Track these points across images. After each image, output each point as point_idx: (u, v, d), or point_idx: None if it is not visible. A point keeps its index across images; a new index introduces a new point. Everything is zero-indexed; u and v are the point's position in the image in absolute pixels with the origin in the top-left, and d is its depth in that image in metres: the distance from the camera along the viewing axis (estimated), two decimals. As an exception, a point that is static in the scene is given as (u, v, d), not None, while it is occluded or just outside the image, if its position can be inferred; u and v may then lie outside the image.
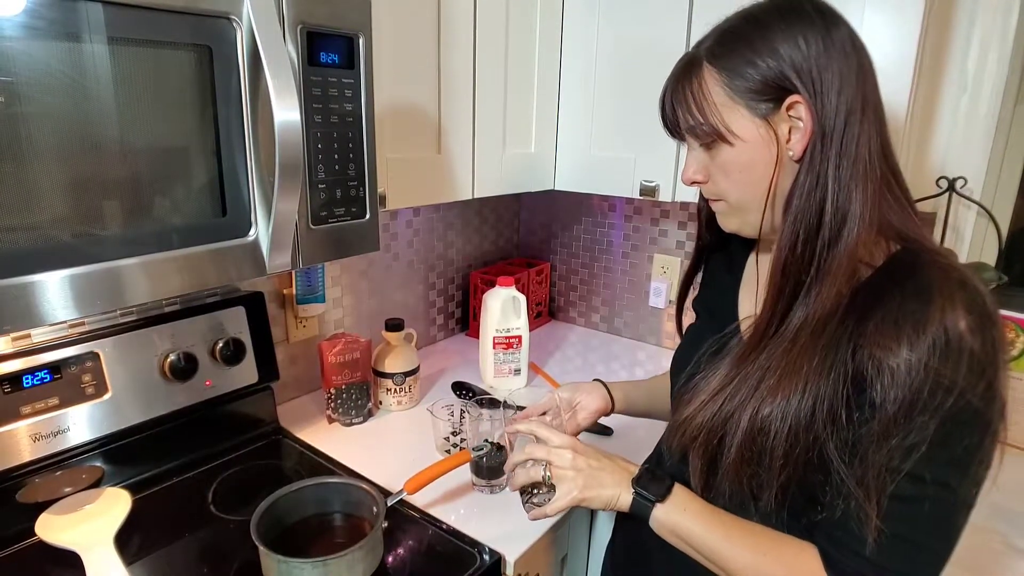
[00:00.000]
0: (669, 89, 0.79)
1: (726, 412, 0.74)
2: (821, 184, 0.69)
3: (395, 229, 1.70)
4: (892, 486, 0.65)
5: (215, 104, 0.78)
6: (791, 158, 0.72)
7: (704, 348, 0.84)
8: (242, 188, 0.83)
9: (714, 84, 0.73)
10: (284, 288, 1.43)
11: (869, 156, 0.69)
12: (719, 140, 0.75)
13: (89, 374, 1.06)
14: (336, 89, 0.89)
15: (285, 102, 0.78)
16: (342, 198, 0.94)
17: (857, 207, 0.69)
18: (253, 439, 1.32)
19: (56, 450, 1.04)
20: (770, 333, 0.74)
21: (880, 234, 0.72)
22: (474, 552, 1.02)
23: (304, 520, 1.03)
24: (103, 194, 0.72)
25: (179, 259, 0.79)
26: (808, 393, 0.68)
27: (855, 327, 0.68)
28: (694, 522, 0.80)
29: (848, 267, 0.69)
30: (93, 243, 0.72)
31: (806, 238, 0.70)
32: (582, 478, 0.86)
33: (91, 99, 0.69)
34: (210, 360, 1.21)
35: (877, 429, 0.65)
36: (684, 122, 0.77)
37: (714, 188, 0.80)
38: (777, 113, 0.71)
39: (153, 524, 1.06)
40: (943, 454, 0.64)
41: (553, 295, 2.16)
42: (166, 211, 0.78)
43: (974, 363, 0.62)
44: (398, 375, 1.44)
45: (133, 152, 0.73)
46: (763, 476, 0.72)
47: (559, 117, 1.56)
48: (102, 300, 0.73)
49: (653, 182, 1.42)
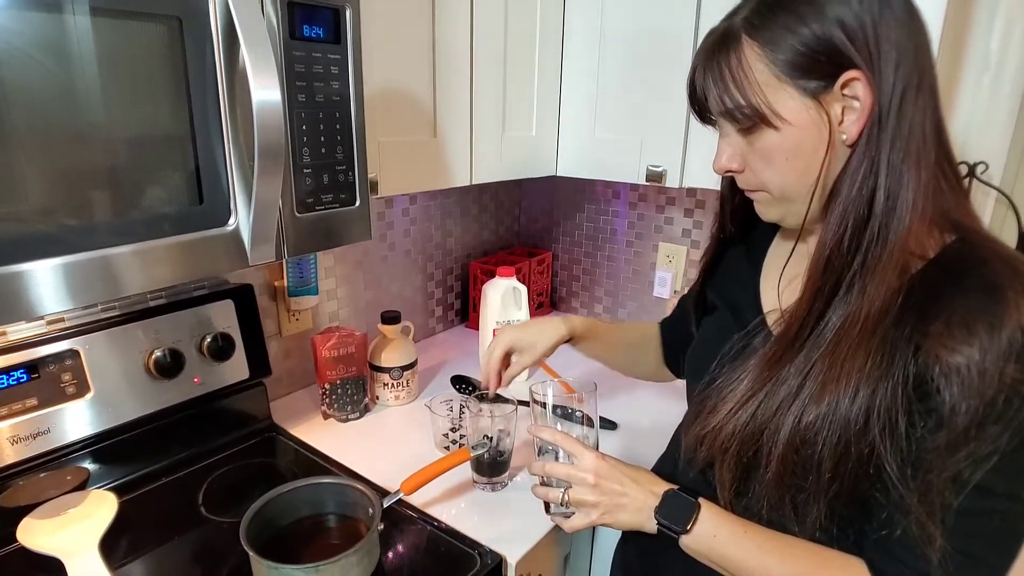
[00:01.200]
0: (700, 67, 0.70)
1: (761, 420, 0.68)
2: (875, 170, 0.63)
3: (391, 218, 1.65)
4: (958, 499, 0.59)
5: (188, 81, 0.72)
6: (843, 142, 0.65)
7: (728, 346, 0.78)
8: (220, 173, 0.78)
9: (756, 60, 0.65)
10: (275, 280, 1.39)
11: (924, 138, 0.63)
12: (762, 124, 0.66)
13: (69, 373, 1.02)
14: (321, 66, 0.83)
15: (264, 80, 0.72)
16: (330, 184, 0.89)
17: (910, 195, 0.62)
18: (245, 437, 1.28)
19: (37, 452, 1.00)
20: (805, 333, 0.67)
21: (933, 224, 0.65)
22: (474, 554, 0.99)
23: (297, 522, 1.00)
24: (69, 181, 0.66)
25: (150, 251, 0.74)
26: (860, 398, 0.62)
27: (915, 326, 0.61)
28: (726, 547, 0.74)
29: (899, 260, 0.62)
30: (57, 233, 0.67)
31: (855, 231, 0.63)
32: (602, 507, 0.82)
33: (50, 76, 0.63)
34: (198, 356, 1.17)
35: (944, 439, 0.59)
36: (719, 105, 0.69)
37: (752, 178, 0.72)
38: (830, 92, 0.64)
39: (141, 527, 1.02)
40: (1015, 465, 0.58)
41: (555, 285, 2.11)
42: (135, 199, 0.72)
43: None
44: (395, 369, 1.40)
45: (98, 136, 0.67)
46: (809, 491, 0.66)
47: (561, 98, 1.50)
48: (70, 295, 0.68)
49: (660, 167, 1.36)
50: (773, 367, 0.69)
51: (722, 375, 0.75)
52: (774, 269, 0.82)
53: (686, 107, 1.29)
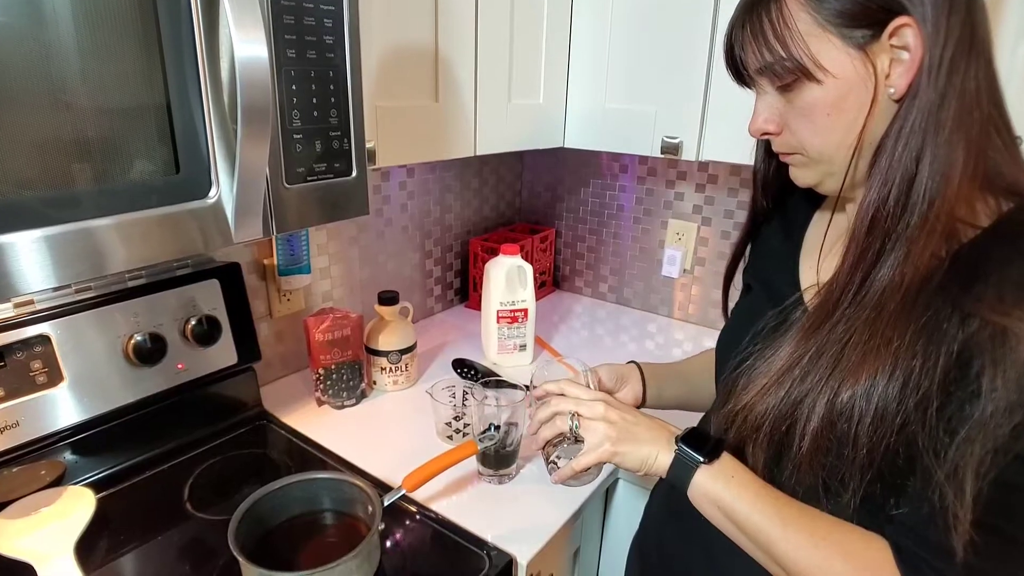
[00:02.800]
0: (739, 21, 0.67)
1: (796, 396, 0.63)
2: (922, 127, 0.58)
3: (387, 191, 1.56)
4: (996, 471, 0.54)
5: (159, 34, 0.63)
6: (890, 96, 0.60)
7: (761, 324, 0.73)
8: (199, 138, 0.68)
9: (798, 9, 0.61)
10: (264, 258, 1.30)
11: (977, 95, 0.58)
12: (804, 78, 0.63)
13: (39, 360, 0.94)
14: (313, 18, 0.74)
15: (248, 34, 0.63)
16: (323, 152, 0.80)
17: (960, 155, 0.57)
18: (234, 426, 1.20)
19: (6, 447, 0.92)
20: (845, 301, 0.63)
21: (986, 189, 0.61)
22: (482, 554, 0.92)
23: (291, 520, 0.93)
24: (23, 148, 0.57)
25: (118, 227, 0.64)
26: (900, 370, 0.58)
27: (962, 293, 0.57)
28: (740, 493, 0.70)
29: (946, 225, 0.58)
30: (6, 206, 0.58)
31: (901, 191, 0.59)
32: (615, 430, 0.79)
33: (12, 34, 0.54)
34: (181, 340, 1.08)
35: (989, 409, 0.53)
36: (759, 60, 0.65)
37: (790, 139, 0.68)
38: (877, 42, 0.59)
39: (121, 526, 0.95)
40: None
41: (558, 263, 2.04)
42: (102, 169, 0.63)
43: None
44: (393, 353, 1.32)
45: (55, 97, 0.58)
46: (843, 469, 0.62)
47: (571, 63, 1.41)
48: (19, 280, 0.59)
49: (676, 138, 1.28)
50: (809, 339, 0.65)
51: (755, 353, 0.71)
52: (814, 246, 0.78)
53: (705, 75, 1.23)
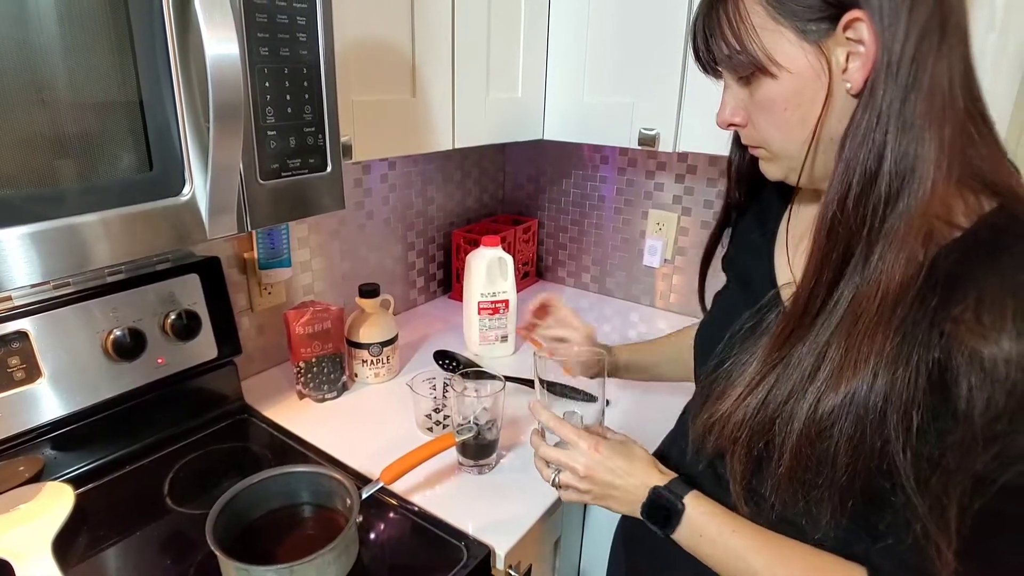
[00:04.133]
0: (702, 15, 0.67)
1: (773, 408, 0.62)
2: (883, 123, 0.56)
3: (368, 184, 1.56)
4: (982, 501, 0.53)
5: (131, 33, 0.63)
6: (848, 91, 0.59)
7: (739, 324, 0.73)
8: (172, 136, 0.68)
9: (753, 3, 0.61)
10: (245, 252, 1.30)
11: (949, 88, 0.56)
12: (759, 72, 0.62)
13: (16, 356, 0.93)
14: (286, 16, 0.74)
15: (219, 32, 0.63)
16: (297, 147, 0.80)
17: (931, 152, 0.55)
18: (215, 420, 1.21)
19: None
20: (815, 307, 0.61)
21: (965, 187, 0.59)
22: (461, 546, 0.93)
23: (270, 513, 0.94)
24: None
25: (92, 225, 0.65)
26: (879, 385, 0.56)
27: (940, 306, 0.55)
28: (712, 547, 0.72)
29: (920, 227, 0.55)
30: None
31: (860, 191, 0.57)
32: (591, 496, 0.82)
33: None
34: (161, 335, 1.08)
35: (967, 436, 0.52)
36: (718, 51, 0.65)
37: (754, 132, 0.68)
38: (832, 36, 0.59)
39: (100, 521, 0.96)
40: None
41: (541, 254, 2.04)
42: (74, 167, 0.63)
43: None
44: (374, 345, 1.32)
45: (23, 95, 0.58)
46: (823, 488, 0.60)
47: (548, 57, 1.41)
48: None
49: (653, 130, 1.28)
50: (783, 347, 0.63)
51: (732, 356, 0.70)
52: (788, 238, 0.77)
53: (681, 68, 1.24)
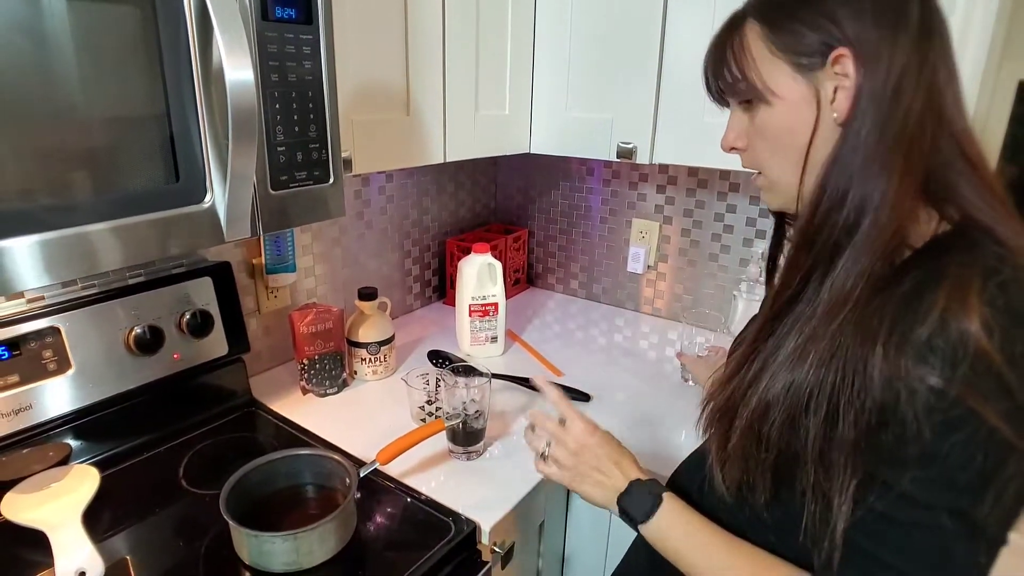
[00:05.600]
0: (711, 48, 0.74)
1: (737, 397, 0.69)
2: (857, 152, 0.61)
3: (368, 196, 1.66)
4: (876, 501, 0.59)
5: (162, 62, 0.74)
6: (835, 120, 0.64)
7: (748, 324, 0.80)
8: (195, 152, 0.79)
9: (755, 38, 0.68)
10: (253, 258, 1.40)
11: (922, 120, 0.60)
12: (758, 99, 0.69)
13: (50, 350, 1.03)
14: (293, 46, 0.85)
15: (237, 60, 0.74)
16: (303, 161, 0.91)
17: (895, 177, 0.60)
18: (225, 412, 1.30)
19: (20, 428, 1.01)
20: (779, 308, 0.68)
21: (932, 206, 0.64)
22: (449, 521, 1.01)
23: (276, 493, 1.02)
24: (46, 160, 0.68)
25: (128, 228, 0.75)
26: (811, 379, 0.61)
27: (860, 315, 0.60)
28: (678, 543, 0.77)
29: (879, 245, 0.60)
30: (34, 211, 0.68)
31: (829, 209, 0.63)
32: (573, 472, 0.87)
33: (30, 59, 0.64)
34: (177, 333, 1.18)
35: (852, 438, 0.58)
36: (722, 80, 0.72)
37: (753, 156, 0.74)
38: (822, 70, 0.64)
39: (123, 500, 1.04)
40: (941, 474, 0.55)
41: (531, 261, 2.14)
42: (113, 178, 0.73)
43: (990, 374, 0.53)
44: (372, 344, 1.42)
45: (74, 116, 0.69)
46: (757, 466, 0.67)
47: (534, 77, 1.51)
48: (48, 271, 0.69)
49: (630, 144, 1.39)
50: (756, 342, 0.70)
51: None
52: None
53: (655, 87, 1.34)
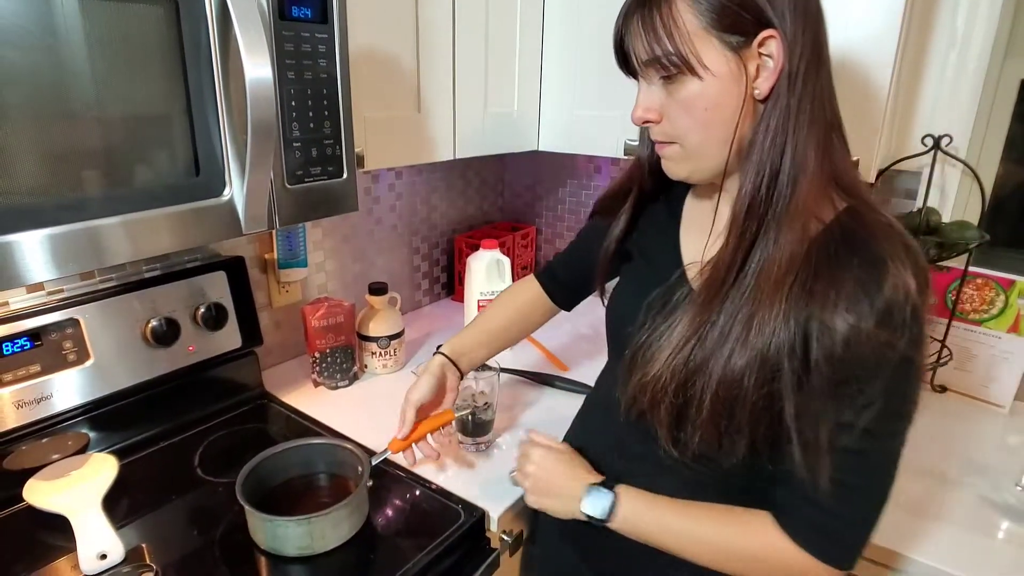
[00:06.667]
0: (631, 16, 0.73)
1: (694, 364, 0.72)
2: (784, 126, 0.68)
3: (377, 193, 1.68)
4: (844, 439, 0.68)
5: (184, 61, 0.76)
6: (756, 97, 0.70)
7: (651, 298, 0.80)
8: (215, 147, 0.82)
9: (685, 10, 0.68)
10: (266, 253, 1.42)
11: (824, 103, 0.69)
12: (687, 72, 0.70)
13: (70, 341, 1.06)
14: (309, 44, 0.87)
15: (256, 59, 0.76)
16: (318, 157, 0.93)
17: (812, 152, 0.68)
18: (239, 403, 1.32)
19: (40, 416, 1.04)
20: (731, 278, 0.71)
21: (828, 185, 0.71)
22: (458, 509, 1.03)
23: (289, 481, 1.04)
24: (72, 155, 0.71)
25: (151, 220, 0.78)
26: (775, 342, 0.68)
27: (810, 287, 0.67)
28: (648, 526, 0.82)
29: (804, 214, 0.68)
30: (62, 204, 0.71)
31: (770, 180, 0.68)
32: (531, 482, 0.92)
33: (57, 58, 0.67)
34: (192, 325, 1.21)
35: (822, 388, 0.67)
36: (648, 52, 0.71)
37: (670, 128, 0.75)
38: (748, 48, 0.68)
39: (141, 488, 1.06)
40: (889, 408, 0.67)
41: (539, 258, 2.15)
42: (136, 172, 0.76)
43: (917, 323, 0.65)
44: (382, 339, 1.44)
45: (101, 112, 0.72)
46: (736, 429, 0.72)
47: (542, 75, 1.53)
48: (75, 262, 0.72)
49: (638, 141, 1.40)
50: (703, 312, 0.73)
51: (650, 326, 0.78)
52: (691, 222, 0.87)
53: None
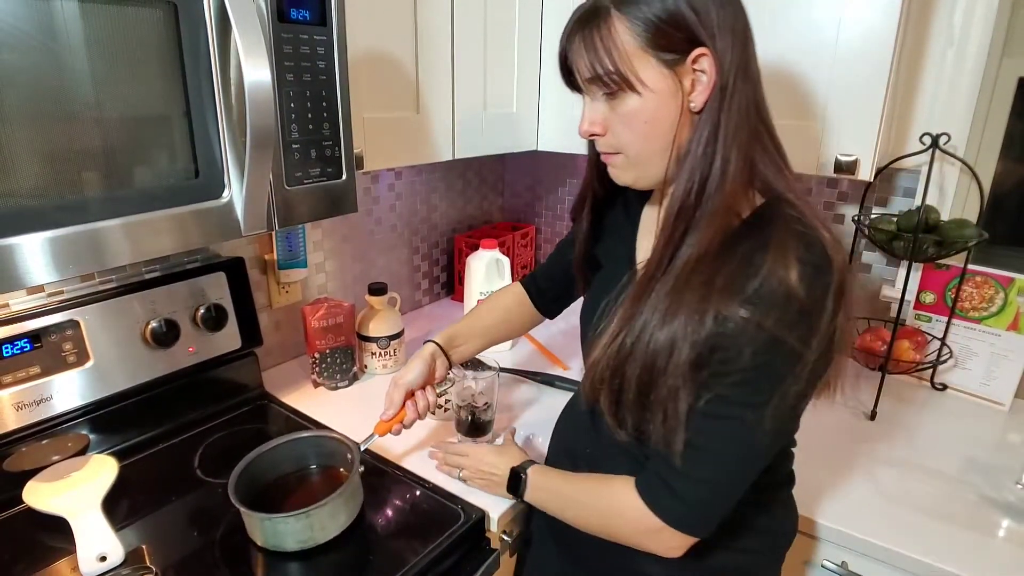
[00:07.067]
0: (573, 36, 0.77)
1: (624, 352, 0.77)
2: (715, 136, 0.73)
3: (377, 193, 1.68)
4: (699, 403, 0.74)
5: (183, 64, 0.76)
6: (692, 109, 0.75)
7: (608, 298, 0.85)
8: (214, 149, 0.82)
9: (623, 31, 0.73)
10: (265, 254, 1.43)
11: (749, 112, 0.74)
12: (627, 89, 0.74)
13: (70, 342, 1.06)
14: (308, 47, 0.87)
15: (255, 61, 0.77)
16: (317, 158, 0.93)
17: (735, 158, 0.73)
18: (239, 404, 1.33)
19: (41, 418, 1.04)
20: (658, 274, 0.77)
21: (751, 186, 0.77)
22: (458, 509, 1.03)
23: (282, 477, 1.05)
24: (72, 157, 0.71)
25: (151, 222, 0.78)
26: (678, 329, 0.73)
27: (712, 275, 0.73)
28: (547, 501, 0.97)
29: (724, 215, 0.74)
30: (62, 206, 0.71)
31: (699, 186, 0.73)
32: (466, 469, 1.09)
33: (57, 60, 0.67)
34: (192, 327, 1.21)
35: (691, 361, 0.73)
36: (590, 70, 0.76)
37: (614, 141, 0.80)
38: (682, 65, 0.73)
39: (141, 489, 1.07)
40: (748, 380, 0.72)
41: (539, 258, 2.16)
42: (136, 174, 0.76)
43: (796, 310, 0.69)
44: (382, 339, 1.44)
45: (101, 114, 0.72)
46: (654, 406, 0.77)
47: (541, 75, 1.53)
48: (75, 264, 0.72)
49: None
50: (634, 304, 0.78)
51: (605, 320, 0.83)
52: (645, 227, 0.93)
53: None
